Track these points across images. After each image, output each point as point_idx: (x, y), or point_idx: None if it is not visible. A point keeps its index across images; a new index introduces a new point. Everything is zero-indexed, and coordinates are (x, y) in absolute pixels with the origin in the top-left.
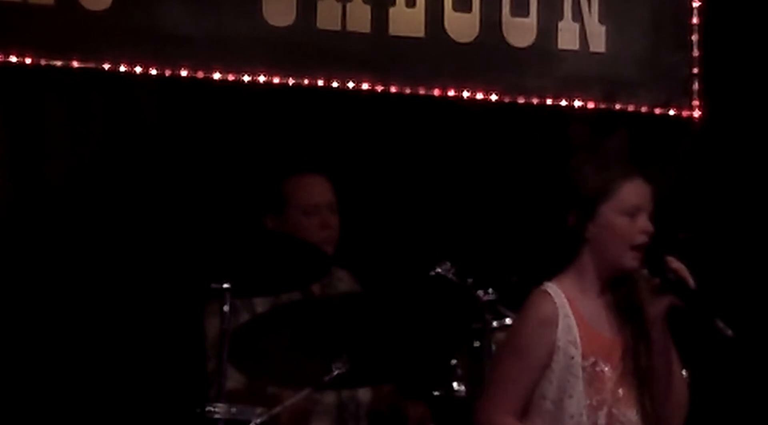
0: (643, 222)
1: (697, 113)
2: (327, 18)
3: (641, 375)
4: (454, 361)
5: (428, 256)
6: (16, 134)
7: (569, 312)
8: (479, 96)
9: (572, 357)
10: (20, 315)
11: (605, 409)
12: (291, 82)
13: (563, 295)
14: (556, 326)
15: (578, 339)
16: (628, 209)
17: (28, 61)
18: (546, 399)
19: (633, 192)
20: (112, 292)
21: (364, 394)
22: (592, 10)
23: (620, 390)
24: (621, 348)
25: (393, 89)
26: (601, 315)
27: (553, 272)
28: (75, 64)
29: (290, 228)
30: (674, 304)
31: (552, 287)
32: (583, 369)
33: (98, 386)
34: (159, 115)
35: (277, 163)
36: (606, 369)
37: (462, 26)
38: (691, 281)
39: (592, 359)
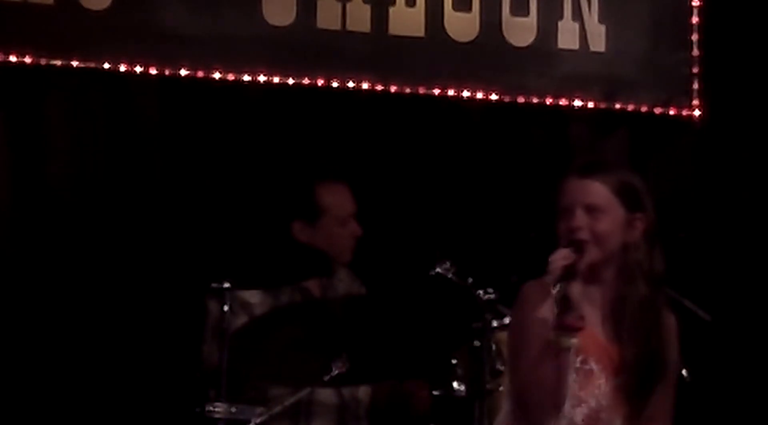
0: (572, 220)
1: (697, 113)
2: (327, 18)
3: (636, 393)
4: (454, 361)
5: (428, 256)
6: (16, 134)
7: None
8: (479, 96)
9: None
10: (21, 315)
11: (584, 408)
12: (291, 81)
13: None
14: (549, 306)
15: None
16: (560, 211)
17: (28, 61)
18: None
19: (564, 190)
20: (112, 292)
21: (364, 393)
22: (592, 10)
23: (606, 400)
24: (619, 357)
25: (393, 89)
26: (601, 318)
27: None
28: (75, 63)
29: (323, 237)
30: None
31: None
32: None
33: (98, 385)
34: (159, 115)
35: (303, 167)
36: (596, 368)
37: (462, 26)
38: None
39: (582, 356)
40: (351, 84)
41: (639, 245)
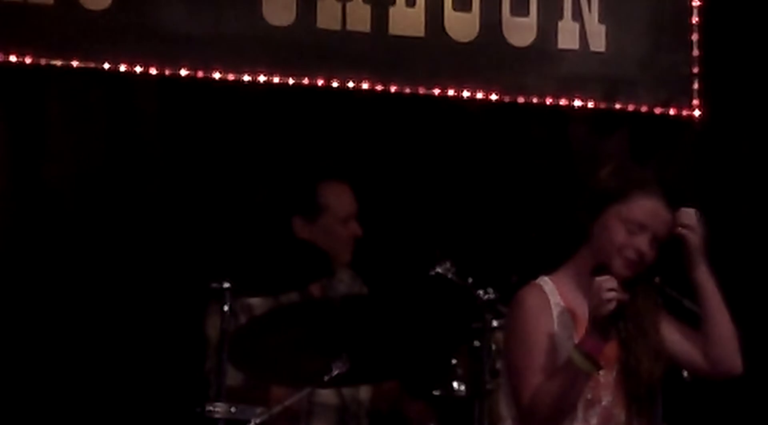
0: (641, 241)
1: (697, 113)
2: (327, 18)
3: (634, 379)
4: (454, 361)
5: (428, 256)
6: (16, 134)
7: (564, 307)
8: (479, 96)
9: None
10: (21, 315)
11: (597, 408)
12: (291, 82)
13: (557, 290)
14: (551, 317)
15: (575, 337)
16: (630, 221)
17: (28, 61)
18: None
19: (642, 207)
20: (112, 292)
21: (365, 394)
22: (592, 10)
23: (613, 393)
24: (616, 348)
25: (393, 89)
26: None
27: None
28: (75, 63)
29: (323, 235)
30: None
31: (545, 280)
32: None
33: (98, 386)
34: (159, 115)
35: (306, 165)
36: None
37: (462, 26)
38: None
39: None
40: (351, 84)
41: None
